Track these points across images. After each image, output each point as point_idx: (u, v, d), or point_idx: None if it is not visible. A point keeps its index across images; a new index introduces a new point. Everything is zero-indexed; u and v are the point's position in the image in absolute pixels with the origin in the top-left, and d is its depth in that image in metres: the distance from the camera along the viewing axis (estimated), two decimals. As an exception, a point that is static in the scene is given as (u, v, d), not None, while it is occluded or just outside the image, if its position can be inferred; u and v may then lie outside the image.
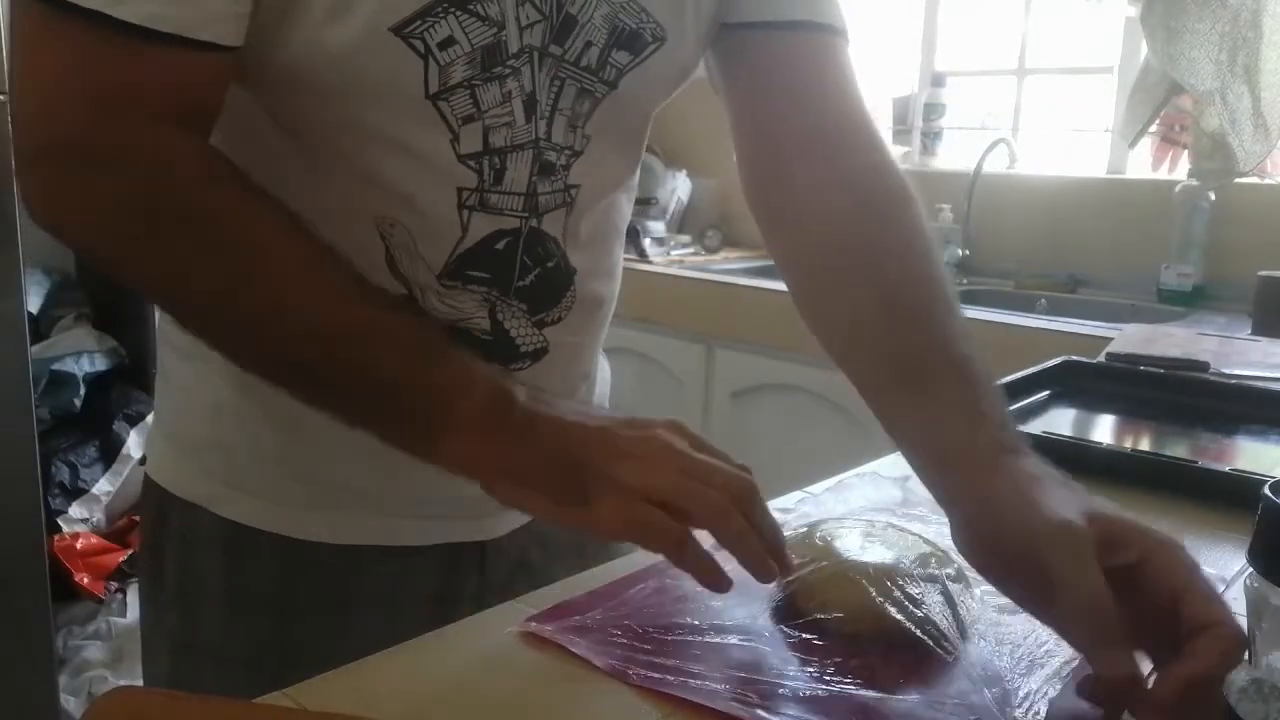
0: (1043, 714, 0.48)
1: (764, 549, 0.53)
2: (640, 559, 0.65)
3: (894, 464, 0.86)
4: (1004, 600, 0.59)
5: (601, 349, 0.81)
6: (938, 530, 0.67)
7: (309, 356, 0.55)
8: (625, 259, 0.80)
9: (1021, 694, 0.50)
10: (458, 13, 0.57)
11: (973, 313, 1.93)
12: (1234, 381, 1.12)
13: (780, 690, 0.49)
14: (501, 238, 0.64)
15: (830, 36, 0.70)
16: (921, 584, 0.56)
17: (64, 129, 0.53)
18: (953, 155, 2.61)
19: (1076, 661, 0.53)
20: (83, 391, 2.02)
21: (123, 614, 1.96)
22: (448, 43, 0.57)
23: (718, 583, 0.53)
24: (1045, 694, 0.50)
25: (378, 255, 0.62)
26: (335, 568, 0.69)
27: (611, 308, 0.77)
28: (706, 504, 0.52)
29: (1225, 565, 0.66)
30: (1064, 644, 0.54)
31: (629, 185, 0.74)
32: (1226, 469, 0.81)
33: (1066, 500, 0.50)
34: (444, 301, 0.64)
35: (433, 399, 0.55)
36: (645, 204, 2.64)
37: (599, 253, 0.71)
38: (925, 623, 0.54)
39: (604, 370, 0.84)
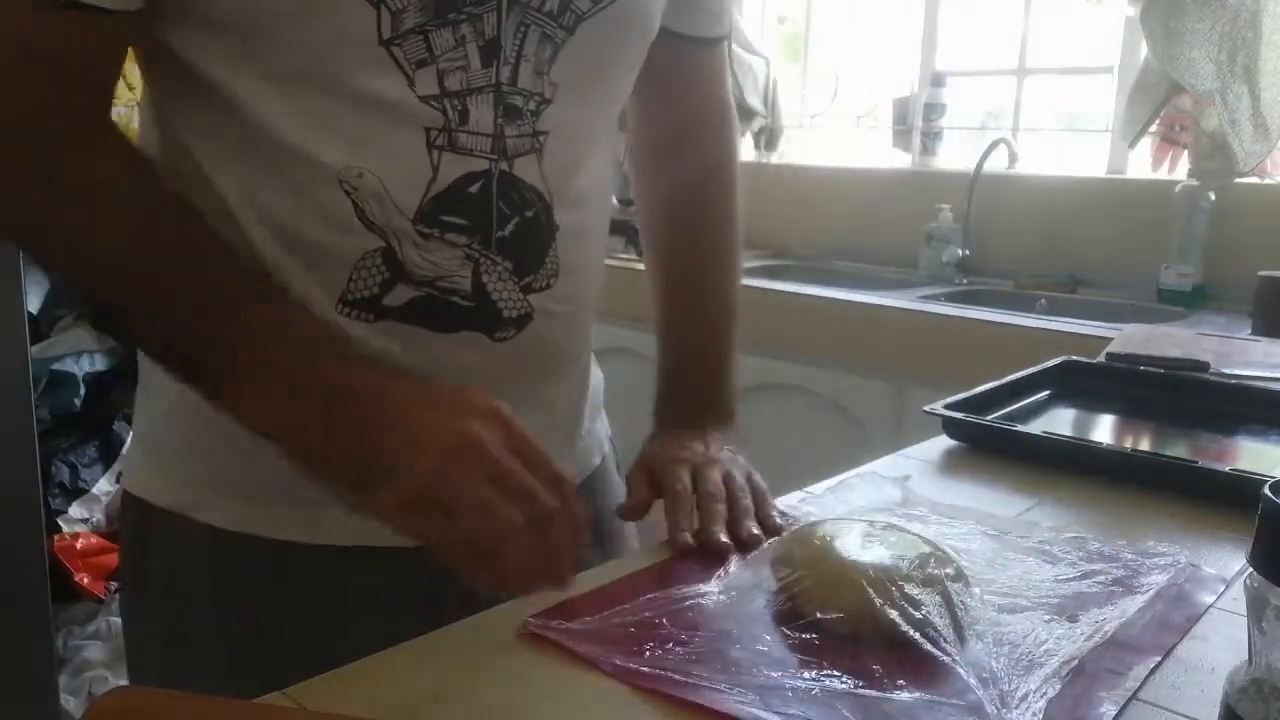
0: (1042, 714, 0.48)
1: (542, 576, 0.54)
2: (640, 559, 0.65)
3: (894, 464, 0.86)
4: (1004, 600, 0.59)
5: (591, 348, 0.81)
6: (938, 530, 0.67)
7: (136, 313, 0.60)
8: (624, 259, 0.81)
9: (1020, 694, 0.50)
10: None
11: (973, 313, 1.93)
12: (1234, 381, 1.12)
13: (780, 690, 0.49)
14: (474, 180, 0.63)
15: (712, 47, 0.85)
16: (921, 584, 0.55)
17: None
18: (953, 155, 2.61)
19: (1076, 661, 0.53)
20: (83, 391, 2.02)
21: (123, 614, 1.96)
22: None
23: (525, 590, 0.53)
24: (1044, 694, 0.50)
25: (347, 214, 0.62)
26: (323, 571, 0.69)
27: (598, 284, 0.76)
28: (492, 518, 0.52)
29: (1225, 565, 0.66)
30: (1063, 644, 0.54)
31: (608, 151, 0.74)
32: (1226, 469, 0.81)
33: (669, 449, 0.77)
34: (423, 255, 0.63)
35: (237, 342, 0.57)
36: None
37: (583, 217, 0.70)
38: (924, 623, 0.54)
39: (597, 375, 0.84)
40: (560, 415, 0.76)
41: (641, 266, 0.89)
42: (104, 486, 1.95)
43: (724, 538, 0.67)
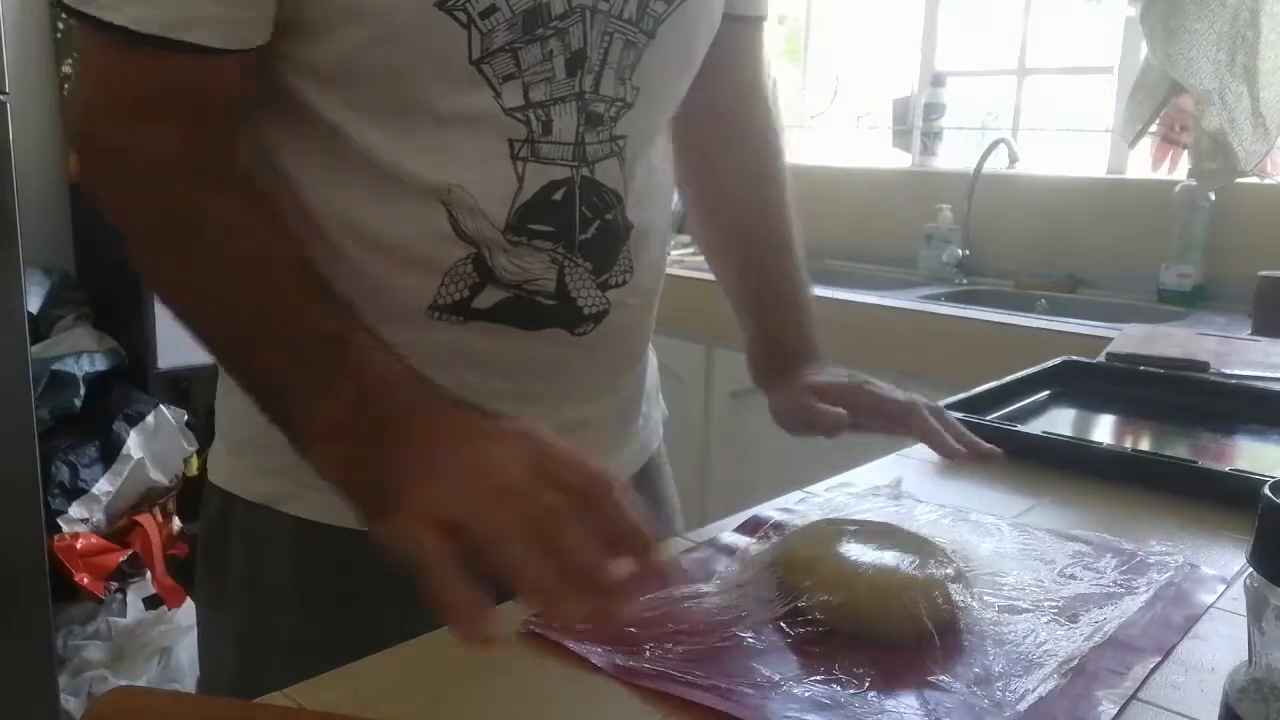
0: (1040, 714, 0.48)
1: (569, 595, 0.45)
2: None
3: (894, 464, 0.86)
4: (1004, 600, 0.59)
5: (651, 335, 0.82)
6: (937, 530, 0.67)
7: (228, 354, 0.61)
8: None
9: (1019, 694, 0.50)
10: None
11: (973, 313, 1.93)
12: (1234, 381, 1.12)
13: (779, 690, 0.49)
14: (557, 188, 0.65)
15: (757, 26, 0.87)
16: (921, 584, 0.55)
17: (79, 129, 0.60)
18: (953, 155, 2.61)
19: (1076, 661, 0.53)
20: (83, 391, 2.02)
21: (123, 614, 1.96)
22: (489, 11, 0.60)
23: (467, 632, 0.44)
24: (1043, 694, 0.50)
25: (442, 225, 0.64)
26: (350, 558, 0.69)
27: (662, 278, 0.79)
28: (492, 527, 0.46)
29: (1225, 565, 0.66)
30: (1063, 644, 0.54)
31: (665, 141, 0.77)
32: (1226, 469, 0.81)
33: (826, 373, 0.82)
34: (512, 261, 0.65)
35: (297, 400, 0.56)
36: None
37: (653, 212, 0.73)
38: (924, 623, 0.53)
39: (652, 361, 0.86)
40: (624, 400, 0.79)
41: (673, 271, 0.90)
42: (104, 486, 1.95)
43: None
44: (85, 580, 1.88)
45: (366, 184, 0.64)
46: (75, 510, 1.91)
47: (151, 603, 2.00)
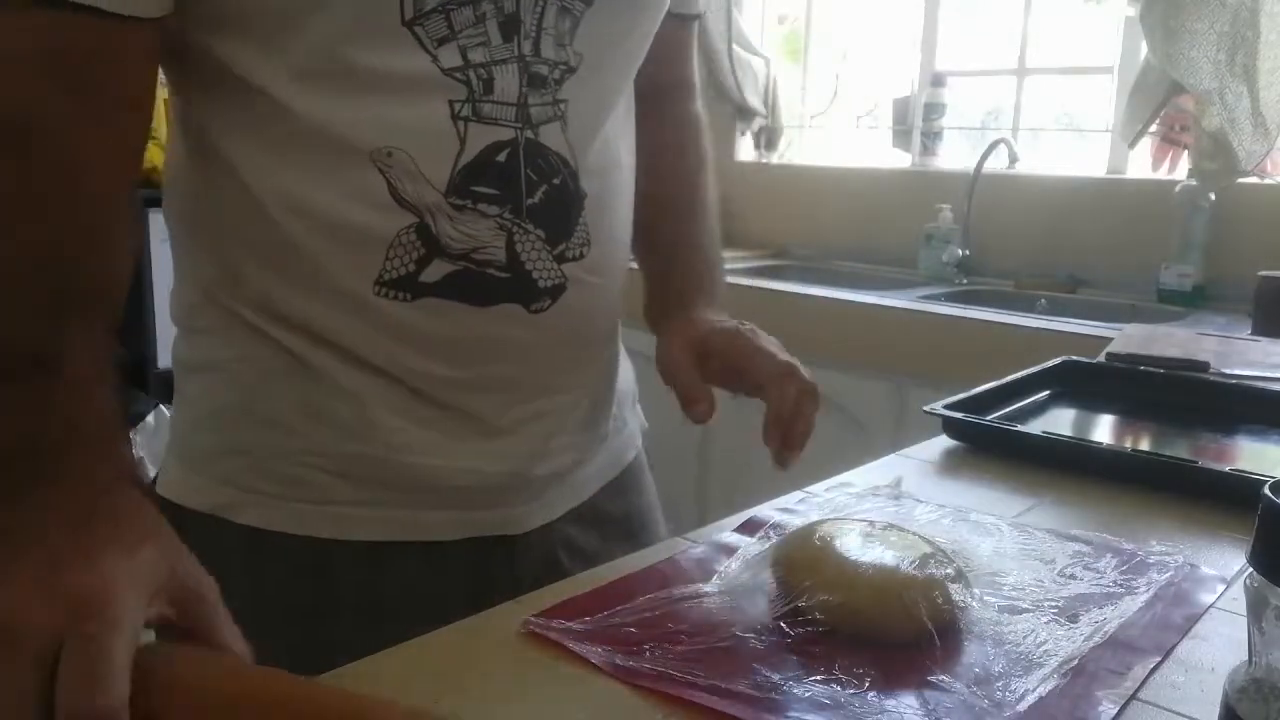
0: (1039, 714, 0.48)
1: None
2: (640, 559, 0.65)
3: (894, 464, 0.86)
4: (1004, 600, 0.59)
5: (619, 336, 0.81)
6: (937, 530, 0.67)
7: None
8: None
9: (1019, 694, 0.50)
10: None
11: (973, 313, 1.93)
12: (1234, 381, 1.12)
13: (779, 690, 0.49)
14: (501, 149, 0.64)
15: (693, 23, 0.89)
16: (921, 584, 0.55)
17: None
18: (953, 155, 2.61)
19: (1076, 661, 0.53)
20: (83, 391, 2.02)
21: (123, 614, 1.96)
22: None
23: None
24: (1043, 694, 0.50)
25: (381, 193, 0.62)
26: (358, 568, 0.69)
27: (626, 259, 0.77)
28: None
29: (1225, 565, 0.66)
30: (1063, 644, 0.54)
31: (627, 123, 0.76)
32: (1226, 469, 0.81)
33: (707, 324, 0.79)
34: (457, 228, 0.64)
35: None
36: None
37: (608, 184, 0.72)
38: (924, 623, 0.53)
39: (627, 367, 0.85)
40: (590, 398, 0.77)
41: (635, 265, 0.89)
42: (104, 486, 1.96)
43: None
44: (85, 580, 1.88)
45: (305, 155, 0.62)
46: (75, 510, 1.91)
47: (151, 603, 2.00)
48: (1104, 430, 1.06)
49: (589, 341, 0.74)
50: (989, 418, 0.95)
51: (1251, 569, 0.38)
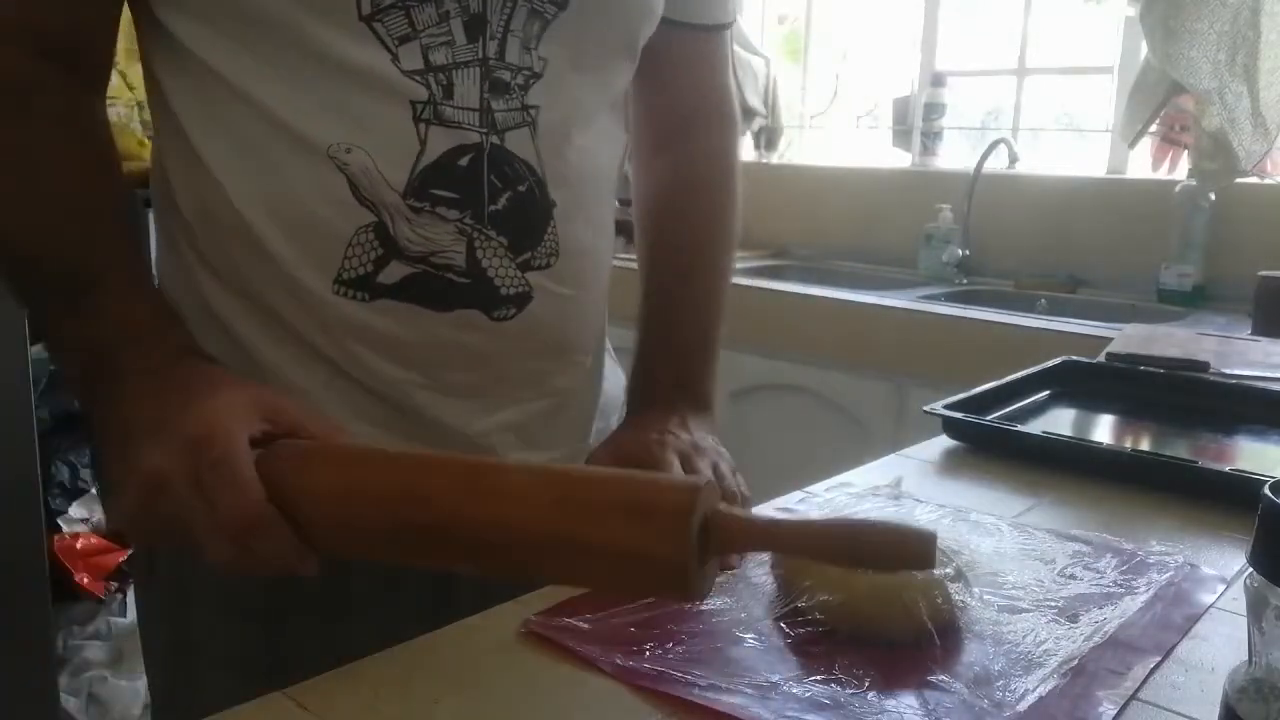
0: (1039, 713, 0.48)
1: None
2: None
3: (894, 464, 0.86)
4: (1004, 600, 0.59)
5: (606, 346, 0.80)
6: (938, 530, 0.67)
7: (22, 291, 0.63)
8: (624, 259, 0.80)
9: (1019, 693, 0.50)
10: None
11: (973, 313, 1.93)
12: (1234, 381, 1.12)
13: (779, 690, 0.49)
14: (464, 153, 0.63)
15: (719, 33, 0.83)
16: (921, 584, 0.55)
17: None
18: (953, 155, 2.61)
19: (1076, 661, 0.53)
20: (83, 391, 2.01)
21: (123, 614, 1.96)
22: None
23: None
24: (1043, 694, 0.50)
25: (340, 189, 0.62)
26: (326, 566, 0.69)
27: (604, 271, 0.75)
28: (186, 539, 0.53)
29: (1225, 565, 0.66)
30: (1063, 644, 0.54)
31: (610, 137, 0.73)
32: (1226, 469, 0.81)
33: (647, 431, 0.72)
34: (416, 230, 0.63)
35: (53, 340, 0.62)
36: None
37: (582, 195, 0.70)
38: (924, 623, 0.53)
39: (617, 379, 0.83)
40: (571, 411, 0.75)
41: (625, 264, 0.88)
42: (104, 486, 1.95)
43: None
44: (85, 580, 1.88)
45: (268, 149, 0.62)
46: (75, 510, 1.91)
47: (151, 603, 2.00)
48: (1104, 430, 1.06)
49: (561, 352, 0.72)
50: (989, 418, 0.95)
51: (1251, 569, 0.38)
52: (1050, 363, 1.14)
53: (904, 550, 0.44)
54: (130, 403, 0.57)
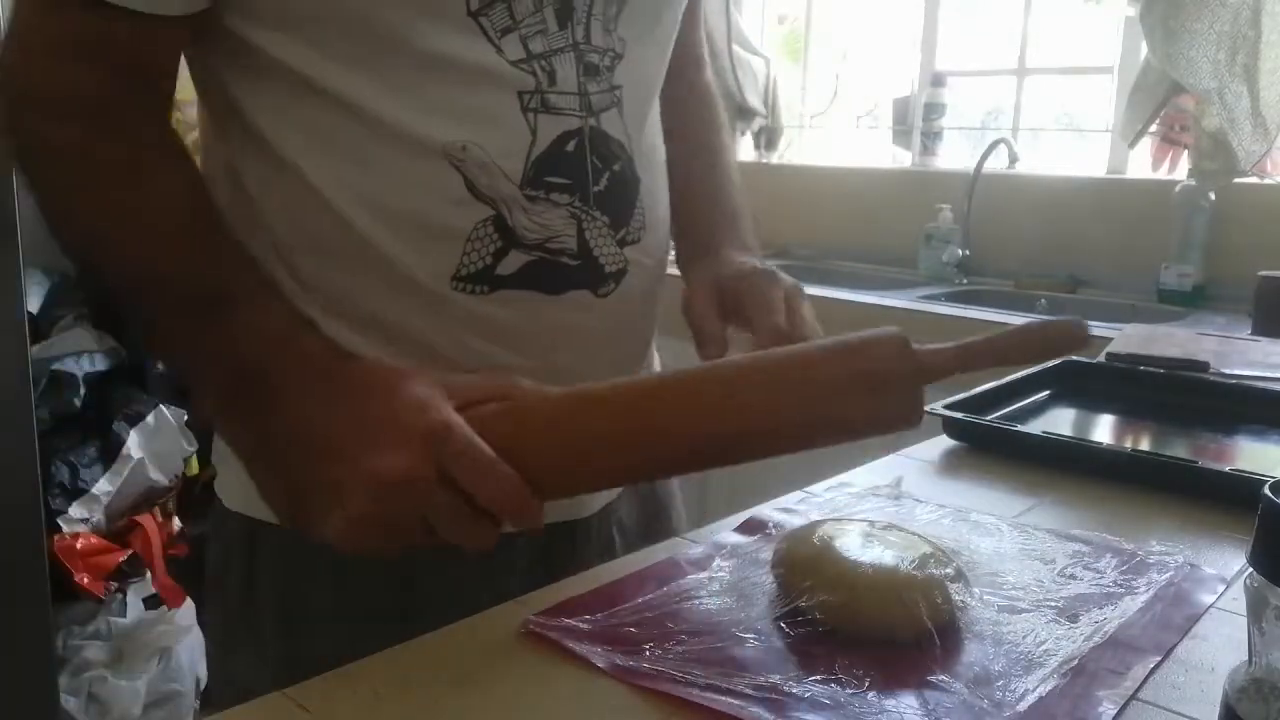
0: (1039, 714, 0.48)
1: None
2: (640, 559, 0.65)
3: (894, 464, 0.86)
4: (1004, 600, 0.59)
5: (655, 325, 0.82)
6: (937, 530, 0.67)
7: (131, 301, 0.63)
8: None
9: (1019, 693, 0.50)
10: None
11: (973, 313, 1.93)
12: (1234, 381, 1.12)
13: (779, 691, 0.49)
14: (570, 139, 0.65)
15: None
16: (921, 584, 0.55)
17: (6, 74, 0.61)
18: (953, 155, 2.61)
19: (1076, 661, 0.53)
20: (83, 391, 2.02)
21: (123, 614, 1.96)
22: None
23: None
24: (1043, 694, 0.50)
25: (457, 187, 0.63)
26: (427, 564, 0.67)
27: (669, 247, 0.79)
28: (431, 540, 0.54)
29: (1225, 565, 0.66)
30: (1063, 644, 0.54)
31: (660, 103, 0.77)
32: (1226, 469, 0.81)
33: (729, 266, 0.76)
34: (533, 219, 0.65)
35: (203, 364, 0.61)
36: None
37: (657, 166, 0.74)
38: (924, 623, 0.53)
39: (656, 360, 0.85)
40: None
41: (672, 271, 0.89)
42: (104, 486, 1.95)
43: None
44: (85, 580, 1.88)
45: (376, 152, 0.63)
46: (75, 510, 1.91)
47: (151, 603, 1.99)
48: (1104, 430, 1.06)
49: (643, 326, 0.76)
50: (989, 418, 0.95)
51: (1251, 569, 0.38)
52: (1050, 363, 1.14)
53: (1057, 333, 0.55)
54: (300, 408, 0.56)
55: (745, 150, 2.96)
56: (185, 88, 0.68)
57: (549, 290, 0.66)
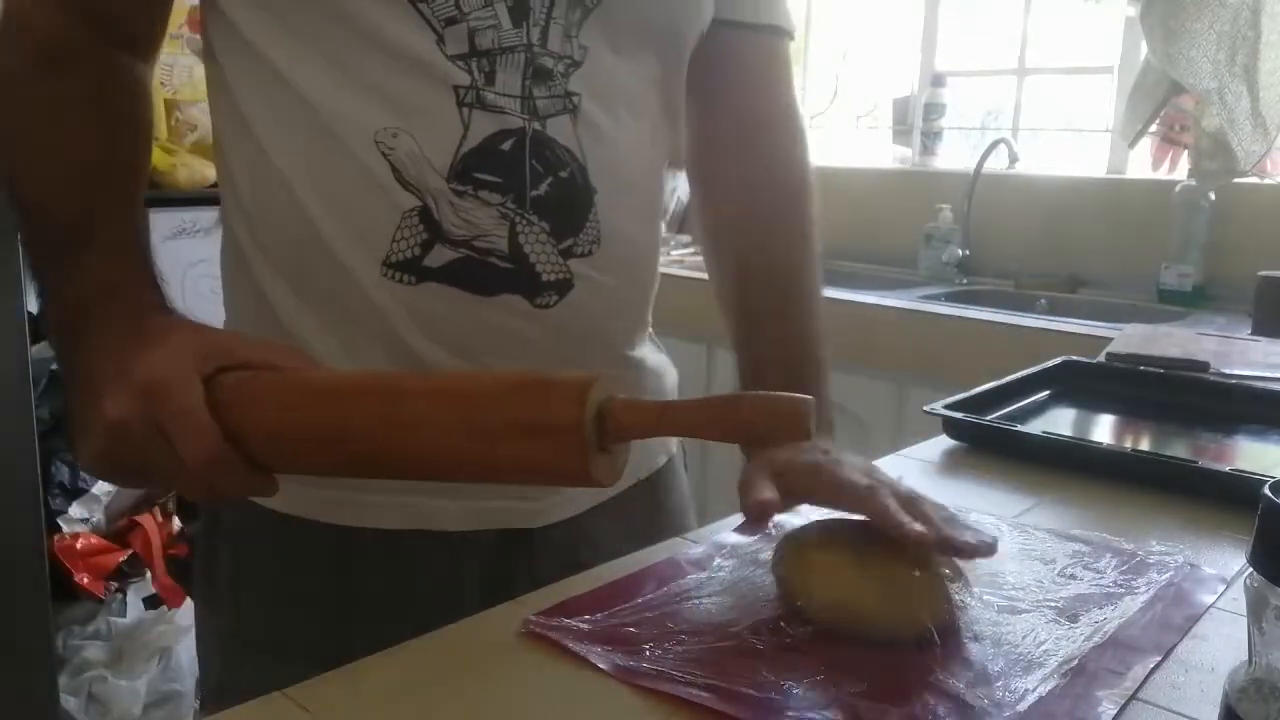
0: (1038, 714, 0.48)
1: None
2: (640, 559, 0.65)
3: (894, 464, 0.86)
4: (1004, 600, 0.59)
5: (649, 333, 0.80)
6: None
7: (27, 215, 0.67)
8: (689, 273, 0.81)
9: (1019, 693, 0.50)
10: None
11: (973, 313, 1.93)
12: (1234, 381, 1.12)
13: (779, 690, 0.49)
14: (506, 138, 0.64)
15: (779, 39, 0.81)
16: (921, 584, 0.55)
17: None
18: (953, 155, 2.61)
19: (1076, 661, 0.53)
20: (83, 391, 2.01)
21: (123, 614, 1.96)
22: None
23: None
24: (1043, 694, 0.50)
25: (384, 174, 0.63)
26: (377, 558, 0.70)
27: (649, 261, 0.75)
28: (152, 480, 0.59)
29: (1225, 565, 0.66)
30: (1063, 644, 0.54)
31: (654, 128, 0.73)
32: (1226, 469, 0.81)
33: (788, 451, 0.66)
34: (459, 215, 0.64)
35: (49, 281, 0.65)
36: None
37: (625, 184, 0.70)
38: (924, 623, 0.53)
39: (671, 375, 0.83)
40: None
41: (672, 271, 0.88)
42: (104, 486, 1.95)
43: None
44: (85, 580, 1.88)
45: (318, 135, 0.64)
46: (75, 510, 1.91)
47: (151, 603, 2.00)
48: (1104, 430, 1.06)
49: (604, 342, 0.73)
50: (989, 418, 0.95)
51: (1251, 569, 0.38)
52: (1050, 363, 1.14)
53: (778, 411, 0.52)
54: (98, 354, 0.59)
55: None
56: (185, 88, 0.70)
57: (479, 290, 0.65)
